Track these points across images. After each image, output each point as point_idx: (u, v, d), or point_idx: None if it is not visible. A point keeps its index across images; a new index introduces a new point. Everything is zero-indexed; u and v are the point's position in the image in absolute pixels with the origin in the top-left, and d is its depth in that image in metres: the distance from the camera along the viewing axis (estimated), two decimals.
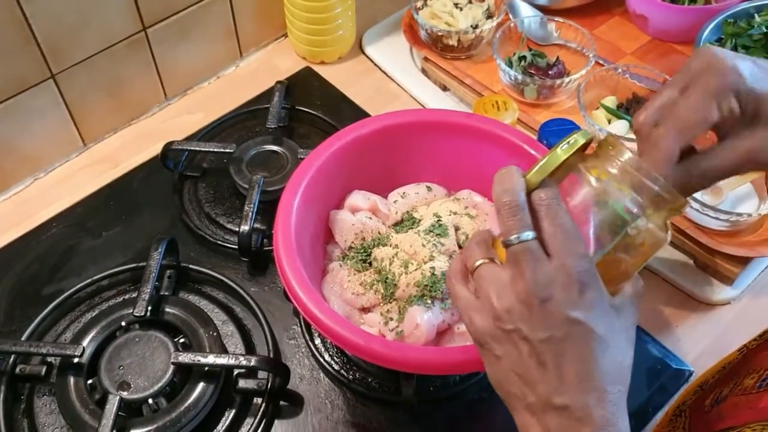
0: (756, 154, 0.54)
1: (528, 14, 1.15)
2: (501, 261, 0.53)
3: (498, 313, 0.51)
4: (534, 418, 0.51)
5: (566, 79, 1.02)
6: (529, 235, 0.50)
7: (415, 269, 0.77)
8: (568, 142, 0.53)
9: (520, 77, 1.03)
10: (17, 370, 0.81)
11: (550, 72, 1.05)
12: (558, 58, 1.08)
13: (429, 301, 0.74)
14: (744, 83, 0.52)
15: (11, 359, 0.82)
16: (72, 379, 0.78)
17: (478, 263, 0.53)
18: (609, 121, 1.00)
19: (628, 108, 1.01)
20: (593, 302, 0.50)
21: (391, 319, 0.75)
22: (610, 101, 1.02)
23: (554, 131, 0.87)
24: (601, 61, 1.09)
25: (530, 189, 0.53)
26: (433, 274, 0.75)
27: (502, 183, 0.53)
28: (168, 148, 0.99)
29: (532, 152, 0.80)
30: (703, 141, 0.57)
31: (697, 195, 0.88)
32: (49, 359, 0.82)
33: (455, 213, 0.83)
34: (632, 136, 0.97)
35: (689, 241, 0.90)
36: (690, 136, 0.54)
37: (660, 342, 0.86)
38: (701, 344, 0.87)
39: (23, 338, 0.84)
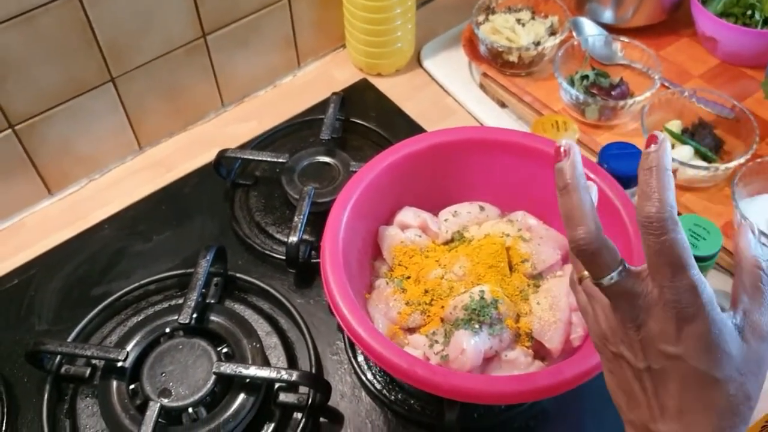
0: None
1: (592, 32, 1.12)
2: None
3: (604, 333, 0.51)
4: None
5: (630, 101, 0.99)
6: (618, 274, 0.48)
7: (464, 291, 0.74)
8: None
9: (581, 97, 1.00)
10: (62, 370, 0.82)
11: (613, 93, 1.02)
12: (622, 78, 1.05)
13: (477, 326, 0.72)
14: None
15: (57, 359, 0.82)
16: (115, 383, 0.78)
17: (585, 275, 0.52)
18: (673, 146, 0.96)
19: (693, 133, 0.97)
20: (696, 336, 0.46)
21: (437, 341, 0.73)
22: (675, 125, 0.98)
23: (615, 155, 0.83)
24: (666, 84, 1.05)
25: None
26: (482, 297, 0.73)
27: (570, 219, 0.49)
28: (222, 155, 0.99)
29: (591, 176, 0.77)
30: None
31: None
32: (93, 361, 0.82)
33: (508, 235, 0.81)
34: (697, 162, 0.93)
35: None
36: None
37: None
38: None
39: (70, 338, 0.84)
